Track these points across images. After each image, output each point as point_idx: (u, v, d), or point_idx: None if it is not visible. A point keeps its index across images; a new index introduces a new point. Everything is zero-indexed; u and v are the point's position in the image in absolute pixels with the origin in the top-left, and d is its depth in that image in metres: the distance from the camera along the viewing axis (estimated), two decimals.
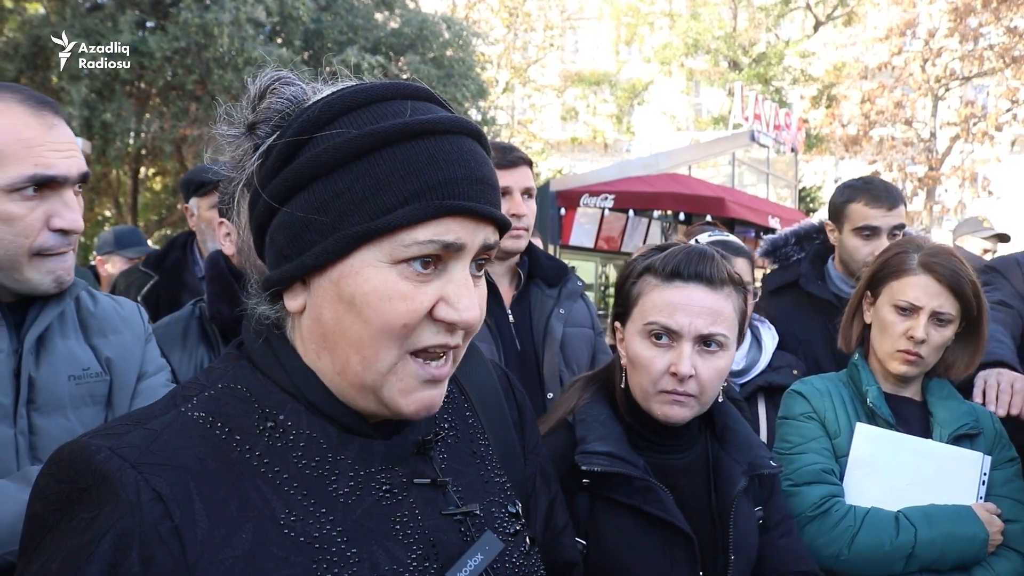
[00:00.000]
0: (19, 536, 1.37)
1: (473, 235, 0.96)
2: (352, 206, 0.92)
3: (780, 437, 2.24)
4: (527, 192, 2.77)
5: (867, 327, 2.31)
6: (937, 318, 2.15)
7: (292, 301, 0.99)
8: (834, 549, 2.01)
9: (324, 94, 0.99)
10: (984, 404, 2.28)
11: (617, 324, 1.83)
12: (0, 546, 1.42)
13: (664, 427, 1.75)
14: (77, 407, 1.64)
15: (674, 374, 1.67)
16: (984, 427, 2.21)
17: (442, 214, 0.93)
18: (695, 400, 1.70)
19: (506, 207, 2.70)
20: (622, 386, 1.80)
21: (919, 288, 2.16)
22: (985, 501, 2.11)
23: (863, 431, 2.16)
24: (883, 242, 2.93)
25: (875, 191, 3.02)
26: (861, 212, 3.01)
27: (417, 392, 0.98)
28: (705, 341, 1.68)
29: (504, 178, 2.68)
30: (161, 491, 0.86)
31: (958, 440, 2.16)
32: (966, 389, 2.33)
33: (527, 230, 2.79)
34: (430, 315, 0.95)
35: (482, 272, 1.02)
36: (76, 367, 1.65)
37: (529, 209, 2.77)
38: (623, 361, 1.80)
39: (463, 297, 0.95)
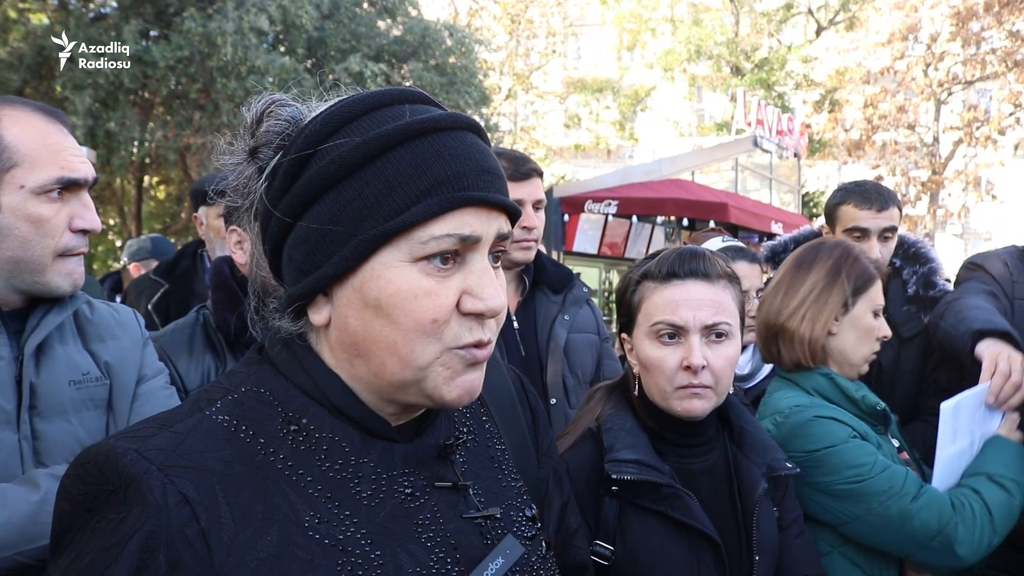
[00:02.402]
0: (27, 538, 1.44)
1: (488, 226, 0.97)
2: (365, 211, 0.93)
3: (845, 464, 1.99)
4: (538, 204, 2.76)
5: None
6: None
7: (316, 315, 0.99)
8: (987, 540, 1.96)
9: (322, 109, 1.00)
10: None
11: (624, 335, 1.87)
12: (8, 547, 1.44)
13: (685, 427, 1.79)
14: (78, 411, 1.67)
15: (688, 367, 1.71)
16: None
17: (456, 206, 0.94)
18: (712, 391, 1.74)
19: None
20: (636, 393, 1.84)
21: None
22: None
23: (947, 409, 2.14)
24: (873, 244, 2.94)
25: (865, 193, 3.02)
26: (851, 214, 3.01)
27: (460, 377, 0.98)
28: (711, 331, 1.73)
29: (516, 190, 2.67)
30: (187, 493, 0.87)
31: None
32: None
33: (536, 241, 2.78)
34: (457, 309, 0.96)
35: (499, 264, 1.02)
36: (76, 372, 1.68)
37: (539, 220, 2.77)
38: (635, 370, 1.84)
39: (487, 287, 0.96)
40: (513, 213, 1.02)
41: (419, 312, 0.93)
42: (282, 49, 12.41)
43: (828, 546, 2.05)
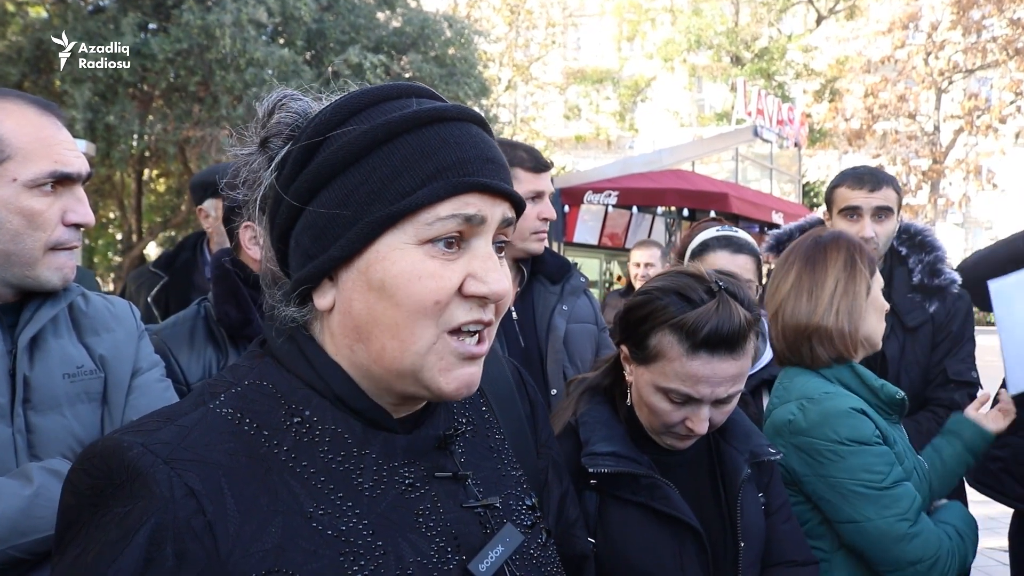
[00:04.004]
0: (19, 532, 1.44)
1: (492, 210, 0.99)
2: (372, 195, 0.96)
3: (864, 467, 1.98)
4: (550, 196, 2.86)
5: None
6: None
7: (321, 299, 1.01)
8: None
9: (331, 101, 1.03)
10: None
11: (624, 347, 1.82)
12: (1, 541, 1.45)
13: None
14: (73, 404, 1.66)
15: (689, 427, 1.71)
16: None
17: (461, 191, 0.96)
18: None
19: (538, 210, 2.76)
20: (628, 403, 1.83)
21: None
22: None
23: (999, 290, 2.26)
24: (866, 223, 2.98)
25: (858, 175, 3.08)
26: (844, 195, 3.07)
27: (456, 370, 0.99)
28: (723, 400, 1.72)
29: (537, 182, 2.77)
30: (193, 486, 0.88)
31: None
32: None
33: (547, 233, 2.84)
34: (460, 293, 0.97)
35: (503, 254, 1.04)
36: (70, 365, 1.68)
37: (552, 213, 2.86)
38: (628, 377, 1.82)
39: (491, 271, 0.98)
40: (517, 203, 1.03)
41: (422, 293, 0.95)
42: (281, 41, 12.38)
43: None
